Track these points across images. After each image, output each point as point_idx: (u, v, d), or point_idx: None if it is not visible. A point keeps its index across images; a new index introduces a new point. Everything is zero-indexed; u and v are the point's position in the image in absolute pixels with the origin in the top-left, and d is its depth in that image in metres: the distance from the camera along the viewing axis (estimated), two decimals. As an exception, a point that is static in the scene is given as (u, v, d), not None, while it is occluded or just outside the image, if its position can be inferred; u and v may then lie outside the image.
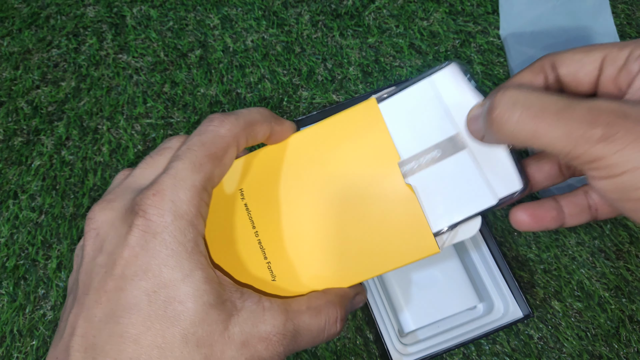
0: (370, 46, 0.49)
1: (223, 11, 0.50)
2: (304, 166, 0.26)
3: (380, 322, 0.37)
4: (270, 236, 0.26)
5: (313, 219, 0.26)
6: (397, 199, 0.26)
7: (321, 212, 0.26)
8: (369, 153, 0.26)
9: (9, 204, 0.43)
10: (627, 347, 0.40)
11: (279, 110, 0.47)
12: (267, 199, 0.26)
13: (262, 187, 0.26)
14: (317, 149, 0.26)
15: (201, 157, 0.22)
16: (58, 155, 0.45)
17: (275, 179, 0.26)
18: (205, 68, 0.48)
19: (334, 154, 0.26)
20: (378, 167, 0.26)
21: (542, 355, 0.40)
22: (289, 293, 0.25)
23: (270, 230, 0.26)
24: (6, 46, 0.49)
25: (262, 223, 0.26)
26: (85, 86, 0.47)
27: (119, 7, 0.50)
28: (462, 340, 0.36)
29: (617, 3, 0.51)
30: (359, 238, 0.26)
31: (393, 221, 0.25)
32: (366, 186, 0.26)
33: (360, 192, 0.26)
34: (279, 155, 0.27)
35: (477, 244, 0.39)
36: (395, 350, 0.37)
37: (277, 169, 0.26)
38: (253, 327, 0.21)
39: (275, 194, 0.26)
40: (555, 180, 0.26)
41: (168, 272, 0.20)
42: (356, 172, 0.26)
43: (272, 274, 0.25)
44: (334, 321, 0.23)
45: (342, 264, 0.25)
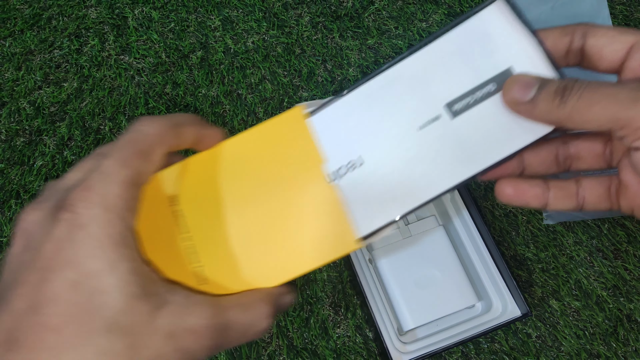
0: (369, 47, 0.49)
1: (224, 13, 0.51)
2: (234, 173, 0.28)
3: (380, 321, 0.37)
4: (203, 240, 0.27)
5: (242, 222, 0.27)
6: (320, 201, 0.27)
7: (249, 216, 0.28)
8: (295, 158, 0.28)
9: (11, 203, 0.44)
10: (625, 346, 0.40)
11: (280, 111, 0.47)
12: (200, 204, 0.28)
13: (196, 193, 0.28)
14: (246, 156, 0.28)
15: (129, 154, 0.22)
16: (60, 155, 0.45)
17: (208, 185, 0.28)
18: (206, 69, 0.48)
19: (261, 161, 0.28)
20: (302, 171, 0.27)
21: (540, 354, 0.40)
22: (221, 293, 0.27)
23: (203, 234, 0.27)
24: (8, 47, 0.49)
25: (195, 227, 0.27)
26: (87, 87, 0.48)
27: (120, 9, 0.51)
28: (461, 339, 0.37)
29: (615, 4, 0.51)
30: (283, 240, 0.27)
31: (315, 221, 0.27)
32: (291, 190, 0.27)
33: (286, 196, 0.27)
34: (211, 162, 0.28)
35: (475, 243, 0.39)
36: (395, 348, 0.37)
37: (210, 176, 0.28)
38: (181, 320, 0.21)
39: (208, 199, 0.28)
40: (549, 168, 0.26)
41: (93, 263, 0.20)
42: (282, 177, 0.28)
43: (205, 275, 0.26)
44: (262, 317, 0.24)
45: (270, 265, 0.27)
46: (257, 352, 0.40)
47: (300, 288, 0.42)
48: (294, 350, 0.40)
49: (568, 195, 0.25)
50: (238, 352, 0.40)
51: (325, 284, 0.42)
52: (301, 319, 0.41)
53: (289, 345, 0.40)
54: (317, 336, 0.40)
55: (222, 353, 0.40)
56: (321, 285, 0.42)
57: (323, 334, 0.40)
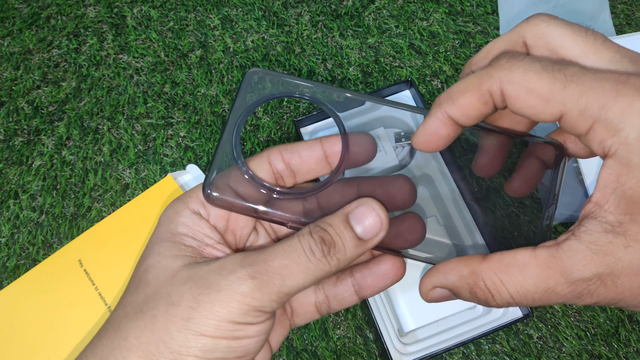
0: (370, 46, 0.49)
1: (223, 12, 0.50)
2: (129, 230, 0.40)
3: (380, 322, 0.37)
4: (107, 288, 0.38)
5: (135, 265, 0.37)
6: None
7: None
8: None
9: (10, 203, 0.43)
10: (627, 347, 0.40)
11: (280, 111, 0.47)
12: (99, 264, 0.39)
13: (96, 256, 0.40)
14: (137, 217, 0.40)
15: None
16: (59, 155, 0.45)
17: (106, 248, 0.40)
18: (205, 68, 0.48)
19: (149, 217, 0.40)
20: None
21: (542, 355, 0.40)
22: None
23: (106, 284, 0.39)
24: (7, 46, 0.49)
25: (98, 280, 0.39)
26: (86, 86, 0.47)
27: (119, 8, 0.50)
28: (462, 340, 0.36)
29: (617, 3, 0.51)
30: None
31: None
32: None
33: None
34: (111, 224, 0.41)
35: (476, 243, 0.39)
36: (395, 349, 0.37)
37: (105, 241, 0.40)
38: None
39: (106, 258, 0.39)
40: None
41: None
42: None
43: None
44: None
45: None
46: (256, 353, 0.40)
47: (300, 289, 0.41)
48: (294, 352, 0.40)
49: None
50: (238, 353, 0.39)
51: (325, 284, 0.41)
52: (301, 319, 0.41)
53: (288, 346, 0.40)
54: (317, 337, 0.40)
55: (222, 354, 0.40)
56: (321, 285, 0.41)
57: (323, 335, 0.40)
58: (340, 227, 0.21)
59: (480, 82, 0.21)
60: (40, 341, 0.37)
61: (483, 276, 0.20)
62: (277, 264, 0.20)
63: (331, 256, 0.21)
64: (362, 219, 0.21)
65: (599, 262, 0.18)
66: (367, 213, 0.22)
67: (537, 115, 0.20)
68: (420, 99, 0.42)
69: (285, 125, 0.46)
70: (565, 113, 0.19)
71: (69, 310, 0.38)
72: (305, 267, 0.20)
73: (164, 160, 0.45)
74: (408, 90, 0.44)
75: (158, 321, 0.20)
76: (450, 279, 0.21)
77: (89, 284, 0.39)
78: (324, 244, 0.21)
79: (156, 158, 0.45)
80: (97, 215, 0.43)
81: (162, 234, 0.23)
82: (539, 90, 0.19)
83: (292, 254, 0.21)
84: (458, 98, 0.21)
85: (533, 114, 0.20)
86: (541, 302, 0.19)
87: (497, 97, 0.21)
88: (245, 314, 0.20)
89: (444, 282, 0.22)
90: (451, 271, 0.22)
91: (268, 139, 0.46)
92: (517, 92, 0.20)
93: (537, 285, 0.19)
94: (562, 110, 0.19)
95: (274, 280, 0.20)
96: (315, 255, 0.21)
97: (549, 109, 0.19)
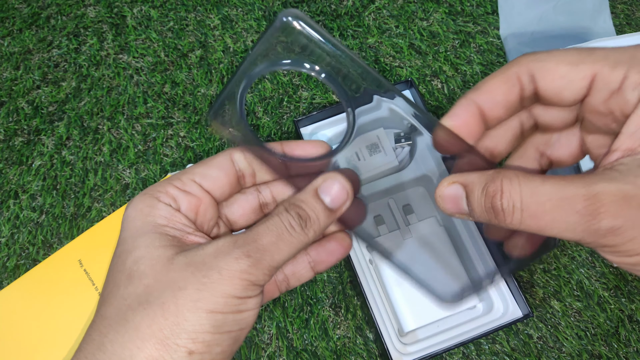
0: (370, 46, 0.49)
1: (223, 11, 0.50)
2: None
3: (380, 322, 0.37)
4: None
5: None
6: None
7: None
8: None
9: (10, 203, 0.43)
10: (627, 347, 0.40)
11: (279, 111, 0.47)
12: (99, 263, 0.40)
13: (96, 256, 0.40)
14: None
15: None
16: (59, 155, 0.45)
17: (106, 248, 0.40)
18: (205, 68, 0.48)
19: None
20: None
21: (542, 355, 0.40)
22: None
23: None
24: (7, 46, 0.49)
25: (98, 280, 0.39)
26: (86, 86, 0.47)
27: (119, 8, 0.50)
28: (462, 340, 0.36)
29: (617, 3, 0.51)
30: None
31: None
32: None
33: None
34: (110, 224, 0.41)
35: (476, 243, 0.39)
36: (395, 349, 0.37)
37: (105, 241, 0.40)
38: None
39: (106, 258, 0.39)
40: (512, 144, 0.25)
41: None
42: None
43: None
44: None
45: None
46: (256, 353, 0.40)
47: (300, 289, 0.41)
48: (294, 352, 0.40)
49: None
50: (237, 353, 0.39)
51: (325, 284, 0.41)
52: (301, 320, 0.41)
53: (288, 346, 0.40)
54: (317, 337, 0.40)
55: (222, 354, 0.40)
56: (321, 286, 0.41)
57: (323, 335, 0.40)
58: (312, 202, 0.23)
59: (507, 68, 0.21)
60: (40, 341, 0.37)
61: (504, 175, 0.20)
62: (266, 242, 0.22)
63: (308, 229, 0.23)
64: (329, 190, 0.23)
65: (628, 181, 0.17)
66: (333, 184, 0.24)
67: (569, 83, 0.20)
68: (420, 99, 0.42)
69: (285, 125, 0.46)
70: (598, 72, 0.19)
71: (69, 310, 0.38)
72: (289, 242, 0.22)
73: (164, 160, 0.45)
74: (408, 90, 0.44)
75: (168, 307, 0.21)
76: (470, 177, 0.21)
77: (89, 284, 0.39)
78: (300, 219, 0.23)
79: (156, 158, 0.45)
80: (97, 215, 0.43)
81: (141, 227, 0.24)
82: (568, 59, 0.20)
83: (276, 231, 0.22)
84: (483, 85, 0.22)
85: (565, 83, 0.20)
86: (550, 216, 0.18)
87: (524, 78, 0.21)
88: (246, 289, 0.21)
89: (463, 178, 0.21)
90: (474, 172, 0.21)
91: (268, 139, 0.46)
92: (546, 65, 0.20)
93: (552, 192, 0.18)
94: (594, 69, 0.19)
95: (265, 256, 0.22)
96: (295, 230, 0.23)
97: (581, 72, 0.19)
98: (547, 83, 0.20)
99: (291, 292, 0.41)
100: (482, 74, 0.48)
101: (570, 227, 0.18)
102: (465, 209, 0.21)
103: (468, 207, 0.21)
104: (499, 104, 0.21)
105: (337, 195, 0.24)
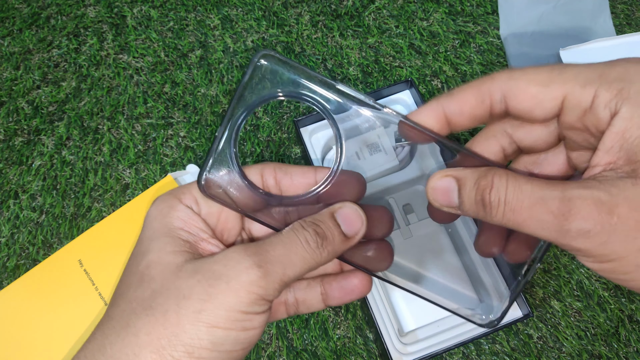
0: (370, 46, 0.49)
1: (223, 11, 0.50)
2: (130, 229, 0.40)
3: (380, 322, 0.37)
4: (107, 288, 0.39)
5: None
6: None
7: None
8: None
9: (10, 203, 0.43)
10: (627, 347, 0.40)
11: (279, 111, 0.47)
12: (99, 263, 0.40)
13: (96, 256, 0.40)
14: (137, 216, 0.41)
15: None
16: (59, 155, 0.45)
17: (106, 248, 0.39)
18: (205, 68, 0.48)
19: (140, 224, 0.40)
20: None
21: (542, 355, 0.40)
22: None
23: (106, 284, 0.39)
24: (7, 46, 0.49)
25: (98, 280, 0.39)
26: (86, 86, 0.47)
27: (119, 8, 0.50)
28: (462, 340, 0.36)
29: (617, 3, 0.51)
30: None
31: None
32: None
33: None
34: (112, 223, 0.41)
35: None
36: (395, 349, 0.37)
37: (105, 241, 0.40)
38: None
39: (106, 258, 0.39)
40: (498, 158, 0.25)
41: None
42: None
43: None
44: None
45: None
46: (256, 353, 0.40)
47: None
48: (294, 352, 0.40)
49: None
50: (238, 353, 0.39)
51: (325, 284, 0.41)
52: (301, 320, 0.41)
53: (288, 346, 0.40)
54: (317, 337, 0.40)
55: (222, 354, 0.40)
56: (321, 285, 0.41)
57: (323, 335, 0.40)
58: (329, 223, 0.23)
59: (481, 83, 0.22)
60: (40, 341, 0.37)
61: (495, 171, 0.20)
62: (278, 254, 0.21)
63: (324, 248, 0.22)
64: (346, 218, 0.23)
65: (602, 188, 0.18)
66: (350, 212, 0.23)
67: (540, 104, 0.20)
68: (421, 99, 0.42)
69: (285, 125, 0.46)
70: (568, 92, 0.20)
71: (69, 310, 0.38)
72: (302, 257, 0.22)
73: (164, 160, 0.45)
74: (408, 90, 0.44)
75: (170, 316, 0.20)
76: (464, 171, 0.22)
77: (89, 284, 0.39)
78: (317, 236, 0.22)
79: (156, 158, 0.45)
80: (97, 215, 0.43)
81: (158, 229, 0.23)
82: (539, 78, 0.20)
83: (290, 245, 0.22)
84: (456, 93, 0.22)
85: (534, 104, 0.20)
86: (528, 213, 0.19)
87: (495, 97, 0.21)
88: (253, 303, 0.21)
89: (456, 172, 0.22)
90: (468, 168, 0.22)
91: (268, 139, 0.46)
92: (518, 84, 0.20)
93: (533, 192, 0.19)
94: (564, 90, 0.20)
95: (276, 268, 0.21)
96: (311, 246, 0.22)
97: (551, 93, 0.20)
98: (518, 103, 0.21)
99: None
100: (482, 74, 0.48)
101: (544, 226, 0.19)
102: (455, 202, 0.22)
103: (458, 200, 0.22)
104: (464, 115, 0.22)
105: (354, 224, 0.23)
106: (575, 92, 0.19)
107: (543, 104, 0.20)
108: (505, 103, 0.21)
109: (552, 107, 0.20)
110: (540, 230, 0.19)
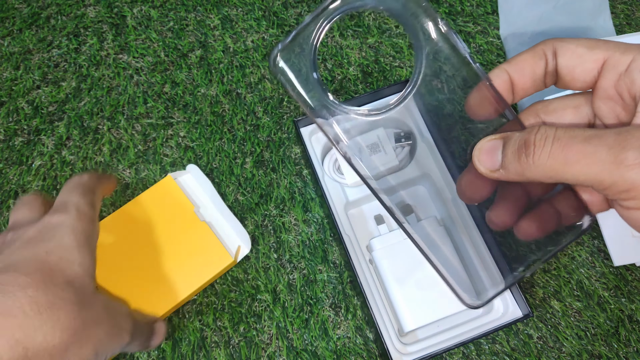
0: (370, 46, 0.49)
1: (223, 11, 0.50)
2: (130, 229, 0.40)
3: (380, 322, 0.37)
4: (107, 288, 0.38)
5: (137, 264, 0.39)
6: (197, 234, 0.40)
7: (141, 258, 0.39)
8: (174, 209, 0.41)
9: (10, 203, 0.43)
10: (627, 347, 0.40)
11: (280, 111, 0.47)
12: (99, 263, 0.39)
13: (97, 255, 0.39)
14: (137, 216, 0.41)
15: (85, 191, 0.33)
16: (59, 155, 0.45)
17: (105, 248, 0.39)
18: (205, 68, 0.48)
19: (149, 217, 0.41)
20: (180, 216, 0.40)
21: (542, 355, 0.40)
22: None
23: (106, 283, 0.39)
24: (7, 46, 0.49)
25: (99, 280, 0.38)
26: (86, 86, 0.47)
27: (119, 8, 0.50)
28: (462, 340, 0.36)
29: (617, 3, 0.51)
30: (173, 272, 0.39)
31: (197, 250, 0.39)
32: (175, 231, 0.40)
33: (171, 236, 0.40)
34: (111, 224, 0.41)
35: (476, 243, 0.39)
36: (395, 349, 0.37)
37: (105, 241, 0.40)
38: (114, 302, 0.31)
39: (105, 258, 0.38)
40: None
41: (68, 240, 0.29)
42: (167, 223, 0.40)
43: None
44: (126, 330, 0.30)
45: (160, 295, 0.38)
46: (256, 353, 0.40)
47: (300, 289, 0.41)
48: (294, 352, 0.40)
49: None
50: (237, 353, 0.39)
51: (325, 284, 0.41)
52: (301, 320, 0.41)
53: (288, 346, 0.40)
54: (317, 337, 0.40)
55: (222, 354, 0.39)
56: (321, 286, 0.41)
57: (323, 335, 0.40)
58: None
59: (535, 45, 0.24)
60: None
61: (542, 127, 0.21)
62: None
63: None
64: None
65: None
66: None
67: (583, 63, 0.22)
68: (420, 99, 0.42)
69: (285, 125, 0.46)
70: (609, 56, 0.22)
71: None
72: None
73: (164, 160, 0.45)
74: (408, 90, 0.44)
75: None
76: (512, 133, 0.23)
77: None
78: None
79: (156, 158, 0.45)
80: (97, 215, 0.43)
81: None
82: (586, 44, 0.22)
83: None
84: (515, 57, 0.24)
85: (578, 63, 0.22)
86: (580, 148, 0.19)
87: (549, 54, 0.23)
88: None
89: (504, 134, 0.23)
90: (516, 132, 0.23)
91: (268, 139, 0.46)
92: (568, 45, 0.23)
93: (585, 130, 0.20)
94: (606, 54, 0.22)
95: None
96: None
97: (594, 55, 0.22)
98: (565, 59, 0.23)
99: (291, 292, 0.41)
100: (482, 74, 0.48)
101: (598, 158, 0.19)
102: (498, 161, 0.22)
103: (501, 156, 0.22)
104: (526, 76, 0.24)
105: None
106: (615, 56, 0.21)
107: (586, 64, 0.22)
108: (555, 60, 0.23)
109: (593, 69, 0.22)
110: (593, 165, 0.19)
